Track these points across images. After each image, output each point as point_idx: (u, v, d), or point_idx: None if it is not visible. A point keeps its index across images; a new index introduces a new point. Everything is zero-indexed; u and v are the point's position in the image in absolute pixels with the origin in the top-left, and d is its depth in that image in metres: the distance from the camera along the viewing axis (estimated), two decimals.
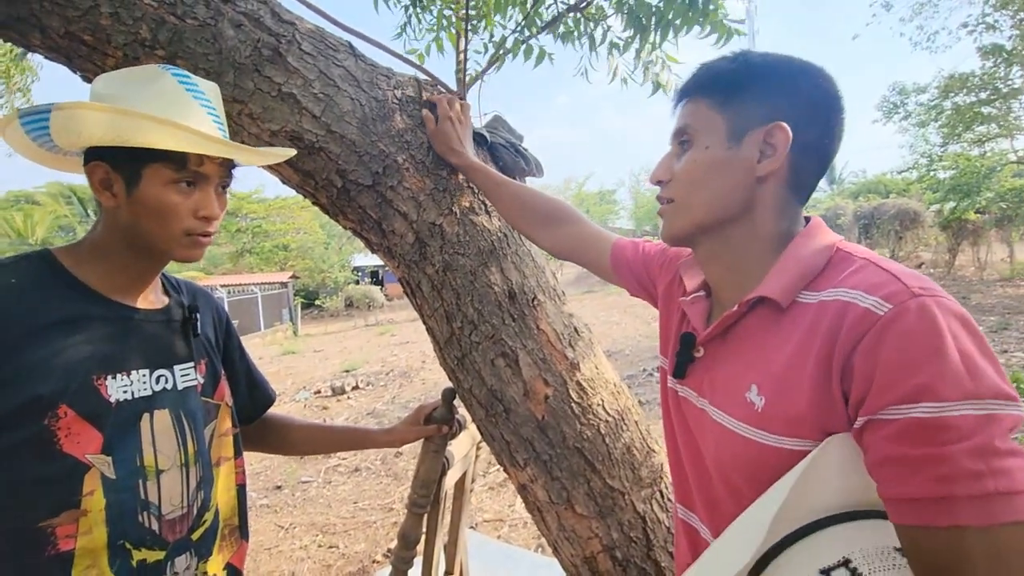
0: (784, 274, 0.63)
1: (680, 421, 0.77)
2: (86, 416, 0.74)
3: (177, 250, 0.82)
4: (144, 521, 0.79)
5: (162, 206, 0.78)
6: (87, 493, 0.73)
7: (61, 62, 1.03)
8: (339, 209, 1.13)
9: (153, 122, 0.74)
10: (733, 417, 0.64)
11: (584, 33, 1.60)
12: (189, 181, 0.80)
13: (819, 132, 0.65)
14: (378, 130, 1.08)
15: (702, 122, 0.68)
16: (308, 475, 4.40)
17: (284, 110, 1.03)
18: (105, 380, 0.76)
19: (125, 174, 0.77)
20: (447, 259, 1.11)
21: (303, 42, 1.05)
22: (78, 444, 0.73)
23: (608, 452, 1.12)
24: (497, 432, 1.14)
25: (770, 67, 0.66)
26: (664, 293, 0.87)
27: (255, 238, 24.91)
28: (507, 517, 3.41)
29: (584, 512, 1.10)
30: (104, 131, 0.73)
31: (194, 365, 0.91)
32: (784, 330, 0.61)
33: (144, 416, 0.80)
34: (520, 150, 1.31)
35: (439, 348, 1.18)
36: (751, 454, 0.61)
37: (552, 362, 1.12)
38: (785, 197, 0.67)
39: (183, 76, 0.81)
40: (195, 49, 0.98)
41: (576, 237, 1.03)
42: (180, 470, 0.84)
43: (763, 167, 0.64)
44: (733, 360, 0.67)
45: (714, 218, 0.68)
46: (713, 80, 0.68)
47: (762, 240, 0.68)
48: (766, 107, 0.64)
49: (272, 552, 3.19)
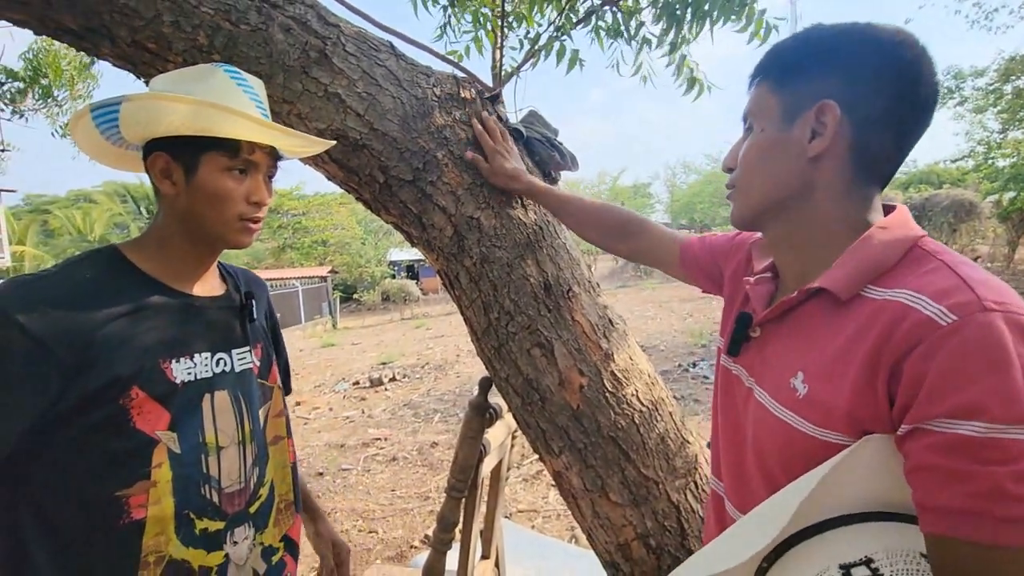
0: (848, 266, 0.61)
1: (727, 398, 0.77)
2: (155, 396, 0.80)
3: (230, 235, 0.88)
4: (206, 493, 0.85)
5: (218, 191, 0.84)
6: (156, 465, 0.80)
7: (128, 69, 1.10)
8: (381, 204, 1.18)
9: (224, 111, 0.80)
10: (776, 401, 0.64)
11: (620, 29, 1.60)
12: (241, 169, 0.86)
13: (885, 104, 0.60)
14: (418, 127, 1.12)
15: (760, 106, 0.68)
16: (348, 463, 4.55)
17: (330, 109, 1.08)
18: (171, 363, 0.83)
19: (184, 163, 0.83)
20: (484, 251, 1.15)
21: (347, 44, 1.10)
22: (148, 422, 0.79)
23: (643, 441, 1.13)
24: (533, 420, 1.17)
25: (831, 40, 0.63)
26: (731, 276, 0.88)
27: (295, 234, 25.64)
28: (541, 508, 3.45)
29: (618, 500, 1.12)
30: (180, 119, 0.80)
31: (250, 349, 0.98)
32: (841, 322, 0.60)
33: (206, 396, 0.87)
34: (555, 144, 1.32)
35: (476, 338, 1.21)
36: (786, 439, 0.62)
37: (587, 352, 1.14)
38: (849, 177, 0.64)
39: (234, 72, 0.88)
40: (248, 53, 1.04)
41: (648, 242, 1.07)
42: (238, 447, 0.90)
43: (814, 147, 0.63)
44: (786, 345, 0.67)
45: (770, 201, 0.68)
46: (772, 61, 0.68)
47: (827, 224, 0.66)
48: (819, 85, 0.62)
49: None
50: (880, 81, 0.60)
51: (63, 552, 0.77)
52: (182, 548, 0.82)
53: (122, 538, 0.78)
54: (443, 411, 5.93)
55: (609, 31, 1.63)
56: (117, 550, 0.78)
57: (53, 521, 0.76)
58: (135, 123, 0.82)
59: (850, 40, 0.62)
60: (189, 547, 0.83)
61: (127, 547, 0.78)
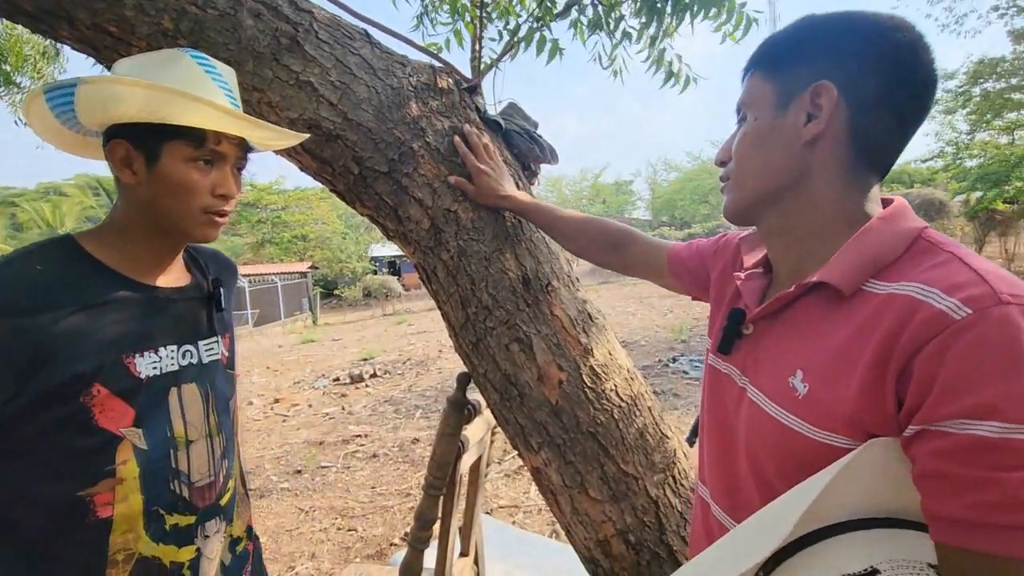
0: (849, 258, 0.58)
1: (716, 398, 0.74)
2: (118, 393, 0.77)
3: (194, 228, 0.84)
4: (176, 488, 0.83)
5: (181, 183, 0.81)
6: (121, 462, 0.77)
7: (89, 53, 1.05)
8: (356, 196, 1.15)
9: (185, 98, 0.76)
10: (773, 401, 0.61)
11: (601, 22, 1.59)
12: (207, 159, 0.83)
13: (882, 86, 0.58)
14: (394, 117, 1.10)
15: (753, 95, 0.67)
16: (327, 460, 4.49)
17: (302, 98, 1.05)
18: (134, 358, 0.80)
19: (145, 151, 0.80)
20: (462, 245, 1.13)
21: (320, 31, 1.07)
22: (111, 419, 0.76)
23: (622, 437, 1.13)
24: (511, 416, 1.16)
25: (823, 26, 0.62)
26: (718, 277, 0.86)
27: (275, 228, 25.25)
28: (522, 504, 3.45)
29: (598, 496, 1.12)
30: (138, 106, 0.76)
31: (218, 339, 0.95)
32: (842, 318, 0.57)
33: (172, 390, 0.84)
34: (534, 136, 1.31)
35: (454, 333, 1.20)
36: (784, 441, 0.59)
37: (566, 347, 1.13)
38: (846, 162, 0.61)
39: (201, 58, 0.84)
40: (215, 39, 1.00)
41: (639, 255, 1.06)
42: (206, 440, 0.88)
43: (810, 129, 0.61)
44: (782, 342, 0.64)
45: (764, 189, 0.66)
46: (765, 51, 0.66)
47: (824, 212, 0.63)
48: (813, 68, 0.61)
49: (293, 534, 3.27)
50: (876, 63, 0.58)
51: (28, 553, 0.74)
52: (152, 545, 0.80)
53: (88, 537, 0.76)
54: (424, 407, 5.89)
55: (590, 24, 1.62)
56: (84, 549, 0.76)
57: (16, 521, 0.74)
58: (91, 108, 0.79)
59: (843, 24, 0.61)
60: (159, 543, 0.81)
61: (94, 546, 0.76)
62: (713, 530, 0.72)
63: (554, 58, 1.60)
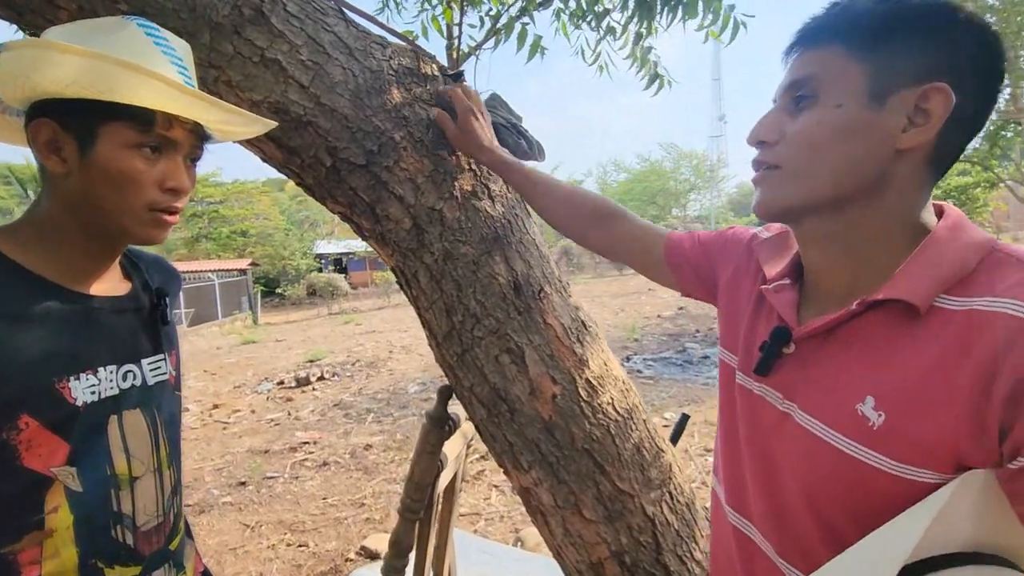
0: (923, 274, 0.52)
1: (751, 423, 0.66)
2: (50, 425, 0.64)
3: (137, 228, 0.71)
4: (118, 535, 0.71)
5: (121, 172, 0.67)
6: (50, 511, 0.64)
7: (8, 18, 0.89)
8: (327, 191, 1.02)
9: (131, 71, 0.63)
10: (834, 428, 0.54)
11: (584, 13, 1.53)
12: (154, 146, 0.69)
13: (984, 102, 0.53)
14: (373, 104, 0.98)
15: (833, 73, 0.55)
16: (274, 470, 4.24)
17: (267, 78, 0.92)
18: (68, 382, 0.66)
19: (78, 134, 0.66)
20: (447, 247, 1.03)
21: (288, 3, 0.94)
22: (40, 457, 0.63)
23: (618, 453, 1.06)
24: (500, 433, 1.07)
25: (931, 12, 0.52)
26: (728, 283, 0.78)
27: (212, 223, 23.94)
28: (483, 511, 3.36)
29: (592, 517, 1.04)
30: (71, 78, 0.62)
31: (164, 357, 0.82)
32: (918, 339, 0.51)
33: (112, 418, 0.71)
34: (522, 131, 1.22)
35: (436, 344, 1.09)
36: (852, 473, 0.52)
37: (560, 359, 1.05)
38: (924, 177, 0.55)
39: (151, 28, 0.70)
40: (164, 4, 0.86)
41: (626, 235, 0.94)
42: (155, 475, 0.76)
43: (909, 138, 0.53)
44: (838, 363, 0.57)
45: (836, 193, 0.56)
46: (851, 21, 0.55)
47: (892, 225, 0.56)
48: (924, 62, 0.52)
49: (238, 553, 3.05)
50: (981, 74, 0.52)
51: None
52: None
53: None
54: (377, 411, 5.69)
55: (573, 16, 1.55)
56: None
57: None
58: (11, 78, 0.64)
59: (955, 18, 0.52)
60: None
61: None
62: (756, 561, 0.65)
63: (535, 55, 1.52)
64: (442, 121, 1.02)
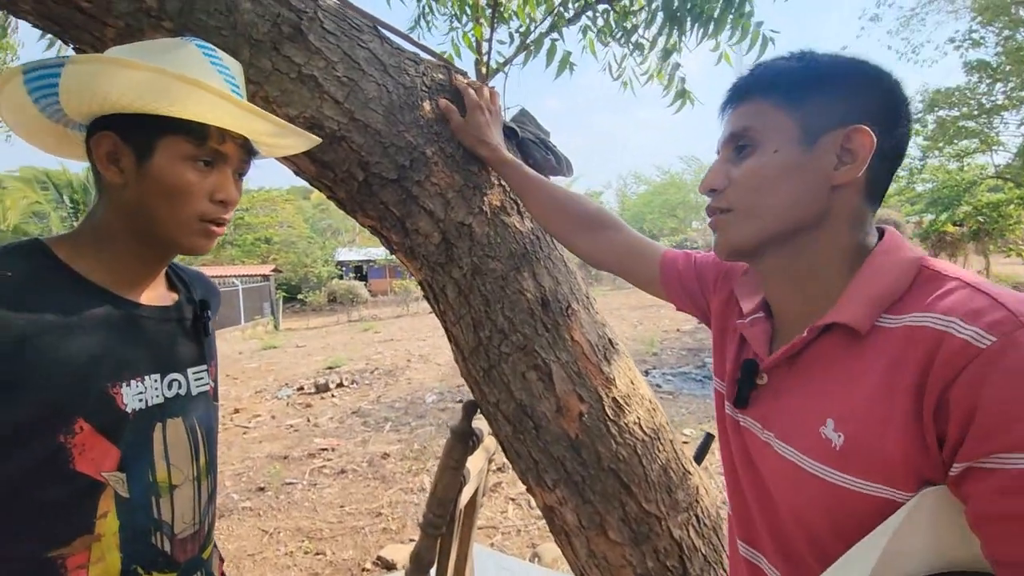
0: (861, 297, 0.56)
1: (742, 453, 0.69)
2: (103, 430, 0.66)
3: (186, 237, 0.73)
4: (157, 542, 0.72)
5: (176, 184, 0.70)
6: (100, 515, 0.65)
7: (54, 31, 0.92)
8: (358, 205, 1.04)
9: (196, 87, 0.65)
10: (806, 455, 0.57)
11: (612, 30, 1.53)
12: (207, 160, 0.72)
13: (901, 136, 0.59)
14: (405, 119, 0.99)
15: (767, 123, 0.61)
16: (293, 476, 4.27)
17: (304, 94, 0.94)
18: (120, 388, 0.68)
19: (136, 146, 0.69)
20: (476, 262, 1.03)
21: (325, 20, 0.96)
22: (92, 461, 0.65)
23: (645, 474, 1.04)
24: (524, 450, 1.06)
25: (841, 66, 0.60)
26: (719, 312, 0.79)
27: (237, 230, 24.45)
28: (500, 524, 3.33)
29: (617, 539, 1.03)
30: (137, 92, 0.65)
31: (207, 368, 0.84)
32: (864, 359, 0.54)
33: (157, 426, 0.73)
34: (550, 146, 1.22)
35: (463, 358, 1.09)
36: (830, 496, 0.55)
37: (587, 376, 1.04)
38: (860, 208, 0.60)
39: (207, 48, 0.73)
40: (207, 22, 0.88)
41: (619, 245, 0.94)
42: (192, 484, 0.77)
43: (841, 175, 0.58)
44: (803, 390, 0.60)
45: (784, 228, 0.61)
46: (776, 78, 0.62)
47: (834, 255, 0.61)
48: (843, 107, 0.58)
49: (256, 559, 3.07)
50: (897, 116, 0.59)
51: None
52: None
53: None
54: (394, 419, 5.71)
55: (600, 33, 1.55)
56: None
57: None
58: (78, 93, 0.67)
59: (865, 69, 0.59)
60: None
61: None
62: None
63: (564, 70, 1.53)
64: (448, 111, 1.04)
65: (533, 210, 1.03)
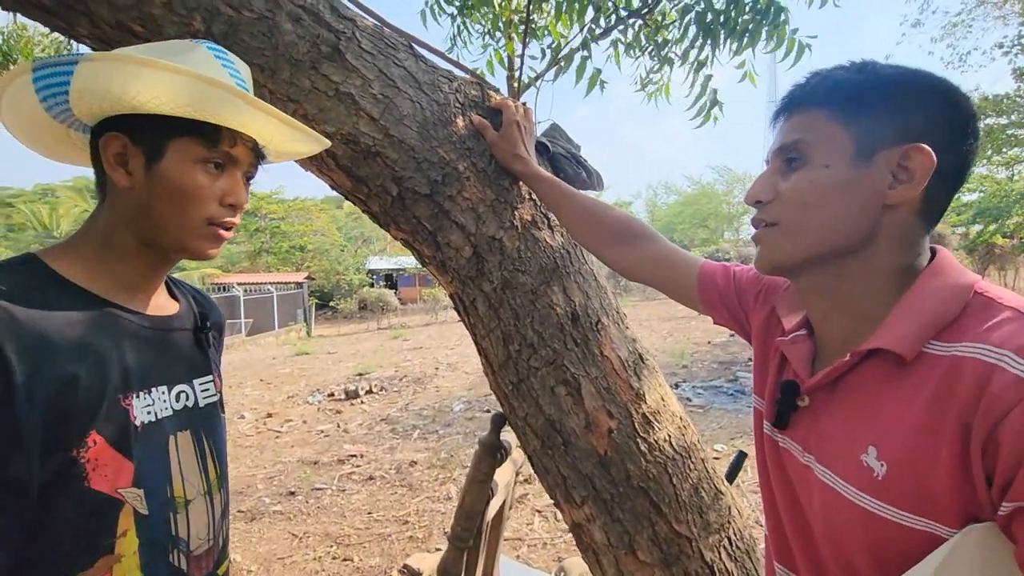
0: (908, 321, 0.54)
1: (779, 474, 0.68)
2: (115, 443, 0.63)
3: (194, 242, 0.72)
4: (174, 560, 0.70)
5: (186, 187, 0.68)
6: (120, 534, 0.64)
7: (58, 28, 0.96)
8: (391, 219, 1.05)
9: (226, 92, 0.65)
10: (846, 481, 0.56)
11: (642, 44, 1.52)
12: (218, 163, 0.71)
13: (960, 157, 0.57)
14: (439, 135, 1.01)
15: (820, 136, 0.59)
16: (322, 482, 4.33)
17: (340, 111, 0.96)
18: (131, 399, 0.66)
19: (146, 148, 0.68)
20: (506, 276, 1.03)
21: (363, 40, 0.98)
22: (106, 477, 0.62)
23: (675, 493, 1.02)
24: (553, 466, 1.05)
25: (904, 79, 0.57)
26: (760, 328, 0.78)
27: (273, 238, 25.14)
28: (526, 536, 3.31)
29: (647, 559, 1.01)
30: (167, 95, 0.64)
31: (212, 379, 0.83)
32: (909, 386, 0.53)
33: (170, 439, 0.71)
34: (581, 160, 1.22)
35: (492, 372, 1.09)
36: (870, 526, 0.53)
37: (617, 392, 1.03)
38: (914, 229, 0.58)
39: (217, 50, 0.73)
40: (250, 43, 0.91)
41: (654, 257, 0.93)
42: (205, 499, 0.75)
43: (896, 195, 0.56)
44: (845, 415, 0.59)
45: (830, 247, 0.59)
46: (833, 89, 0.59)
47: (881, 276, 0.59)
48: (902, 124, 0.56)
49: (286, 562, 3.11)
50: (956, 133, 0.56)
51: None
52: None
53: None
54: (422, 427, 5.74)
55: (630, 47, 1.55)
56: None
57: None
58: (93, 93, 0.64)
59: (928, 84, 0.57)
60: None
61: None
62: None
63: (593, 87, 1.53)
64: (482, 127, 1.05)
65: (567, 224, 1.03)
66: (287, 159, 0.87)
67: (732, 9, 1.34)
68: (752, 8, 1.34)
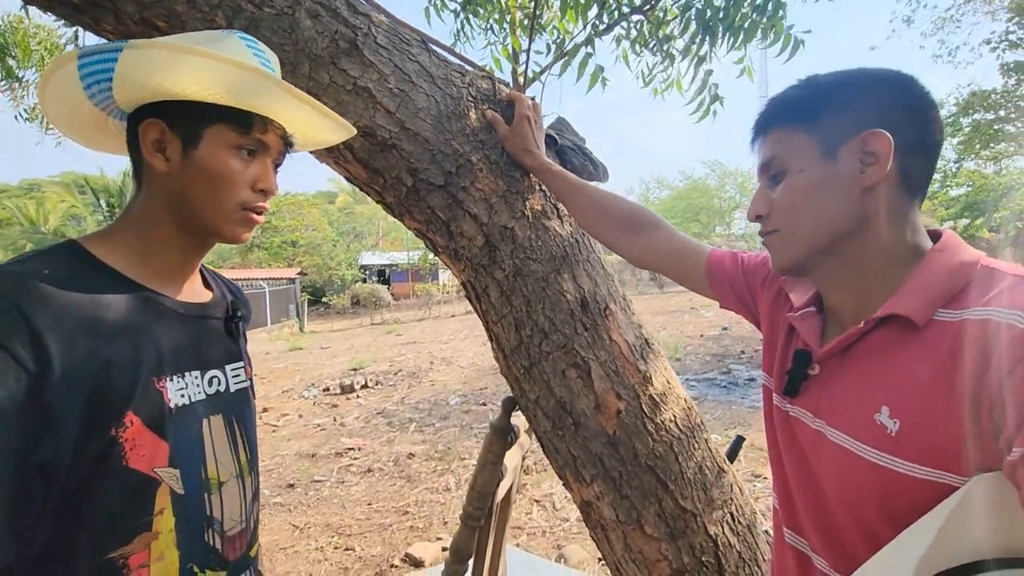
0: (920, 290, 0.59)
1: (790, 443, 0.72)
2: (151, 424, 0.65)
3: (227, 226, 0.74)
4: (209, 540, 0.72)
5: (220, 172, 0.71)
6: (157, 512, 0.66)
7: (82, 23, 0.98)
8: (406, 209, 1.09)
9: (269, 82, 0.68)
10: (859, 440, 0.60)
11: (646, 40, 1.56)
12: (251, 149, 0.73)
13: (919, 130, 0.62)
14: (452, 128, 1.04)
15: (789, 147, 0.67)
16: (321, 474, 4.37)
17: (358, 105, 0.99)
18: (165, 382, 0.69)
19: (183, 134, 0.70)
20: (518, 264, 1.07)
21: (378, 35, 1.02)
22: (143, 457, 0.64)
23: (681, 471, 1.07)
24: (563, 446, 1.09)
25: (844, 81, 0.65)
26: (768, 310, 0.82)
27: (264, 233, 24.96)
28: (525, 525, 3.36)
29: (654, 533, 1.05)
30: (214, 82, 0.66)
31: (243, 365, 0.85)
32: (920, 349, 0.57)
33: (204, 422, 0.74)
34: (587, 153, 1.26)
35: (503, 356, 1.13)
36: (882, 481, 0.57)
37: (625, 375, 1.07)
38: (900, 202, 0.64)
39: (250, 40, 0.75)
40: (271, 39, 0.94)
41: (663, 244, 0.98)
42: (237, 481, 0.78)
43: (869, 177, 0.62)
44: (857, 379, 0.63)
45: (826, 238, 0.65)
46: (788, 106, 0.67)
47: (885, 252, 0.64)
48: (853, 117, 0.63)
49: (288, 552, 3.15)
50: (910, 109, 0.62)
51: None
52: None
53: None
54: (418, 420, 5.78)
55: (634, 43, 1.59)
56: None
57: None
58: (136, 80, 0.66)
59: (866, 78, 0.64)
60: None
61: None
62: None
63: (595, 84, 1.56)
64: (494, 121, 1.08)
65: (577, 215, 1.08)
66: (312, 148, 0.89)
67: (731, 5, 1.38)
68: (751, 4, 1.38)
